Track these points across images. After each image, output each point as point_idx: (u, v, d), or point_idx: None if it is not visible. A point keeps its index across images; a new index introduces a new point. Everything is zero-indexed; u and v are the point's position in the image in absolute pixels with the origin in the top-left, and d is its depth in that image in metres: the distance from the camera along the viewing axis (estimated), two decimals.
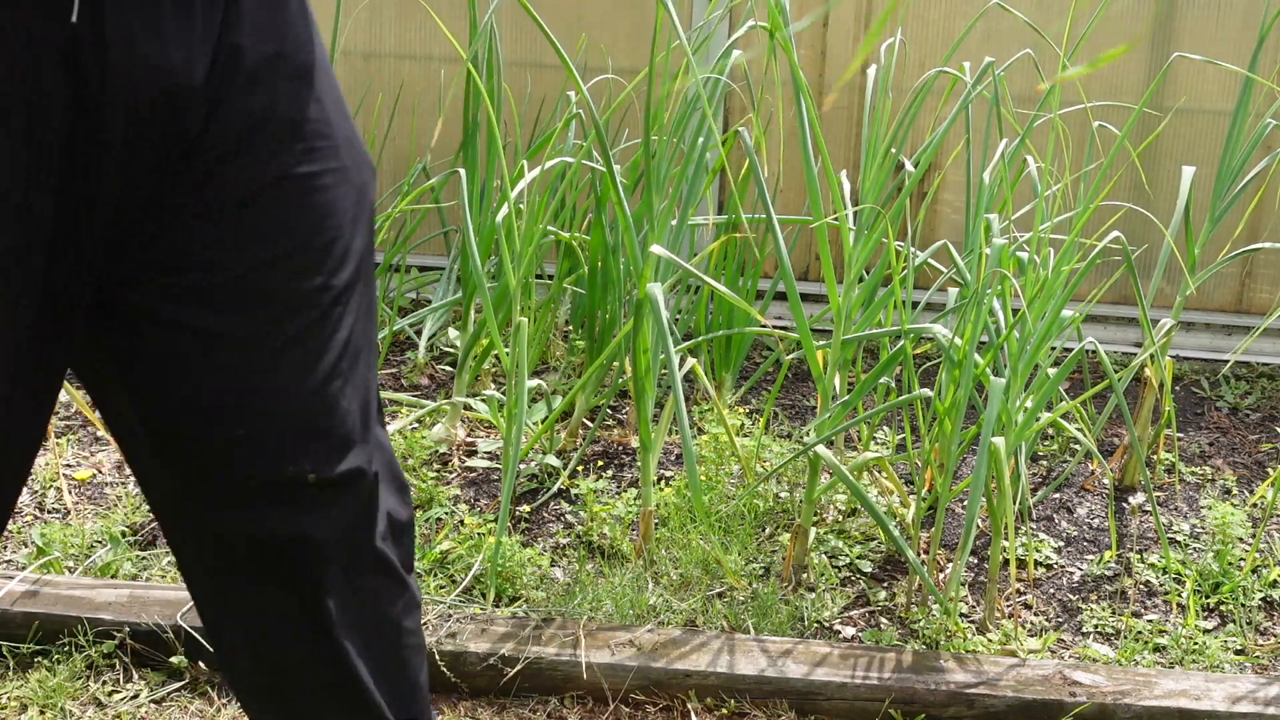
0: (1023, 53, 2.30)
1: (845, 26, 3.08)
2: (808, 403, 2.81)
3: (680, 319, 2.66)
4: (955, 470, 2.08)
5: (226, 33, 0.99)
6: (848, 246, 2.08)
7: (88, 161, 0.95)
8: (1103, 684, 1.84)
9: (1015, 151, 2.14)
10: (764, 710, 1.84)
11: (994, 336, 2.08)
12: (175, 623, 1.87)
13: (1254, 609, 2.12)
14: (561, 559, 2.18)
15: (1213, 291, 3.13)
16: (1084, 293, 2.99)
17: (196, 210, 1.02)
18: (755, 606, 2.04)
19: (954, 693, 1.83)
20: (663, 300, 2.00)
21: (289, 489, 1.11)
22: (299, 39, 1.05)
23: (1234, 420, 2.84)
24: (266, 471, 1.10)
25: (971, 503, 1.87)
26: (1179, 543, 2.31)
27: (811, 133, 2.02)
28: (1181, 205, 2.34)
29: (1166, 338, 2.42)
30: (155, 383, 1.07)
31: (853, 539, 2.26)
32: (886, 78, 2.13)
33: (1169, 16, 3.02)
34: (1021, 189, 2.28)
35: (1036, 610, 2.12)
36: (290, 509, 1.12)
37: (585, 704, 1.85)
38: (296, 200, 1.05)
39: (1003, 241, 1.97)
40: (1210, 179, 2.52)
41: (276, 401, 1.08)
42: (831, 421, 2.10)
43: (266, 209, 1.04)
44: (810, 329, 2.10)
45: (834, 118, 3.12)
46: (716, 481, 2.33)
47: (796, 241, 3.07)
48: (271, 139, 1.03)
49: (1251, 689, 1.85)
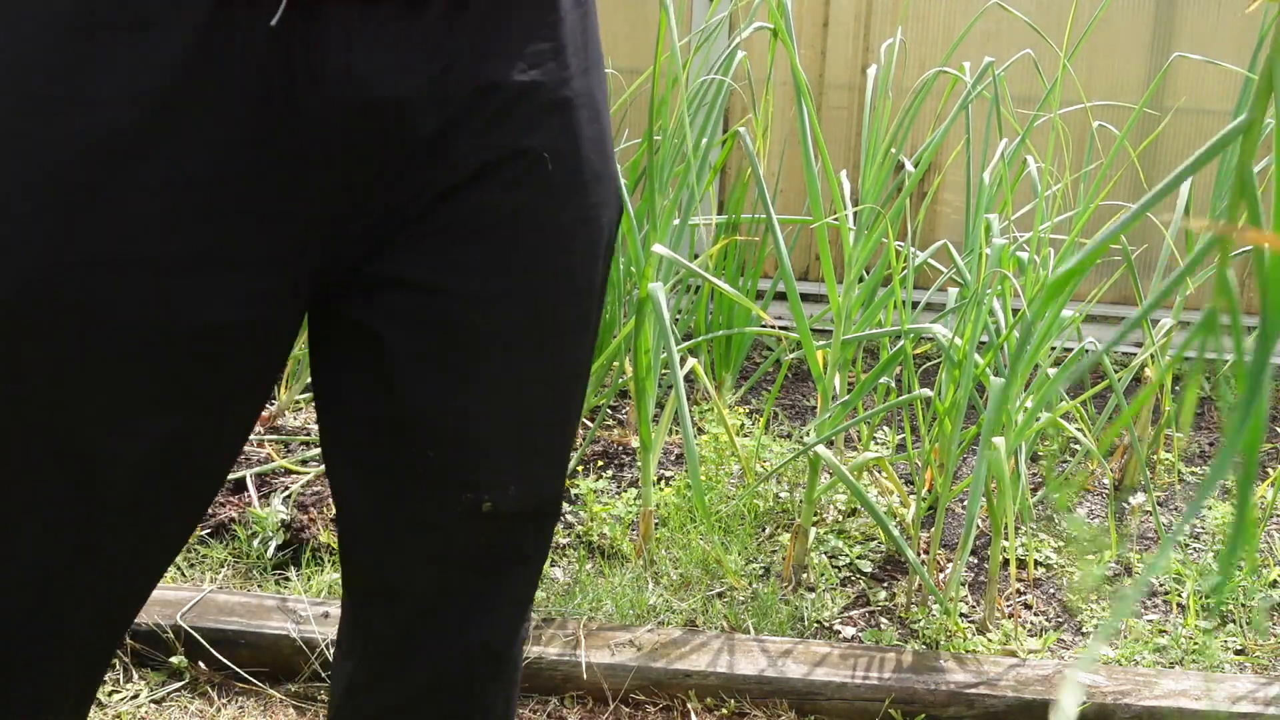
0: (1023, 53, 2.30)
1: (845, 26, 3.08)
2: (808, 403, 2.81)
3: (680, 319, 2.66)
4: (955, 470, 2.08)
5: (465, 56, 0.94)
6: (848, 246, 2.08)
7: (293, 173, 0.92)
8: (1103, 684, 1.84)
9: (1015, 151, 2.14)
10: (764, 710, 1.84)
11: (994, 336, 2.08)
12: (175, 623, 1.87)
13: (1254, 609, 2.12)
14: (561, 559, 2.18)
15: (1213, 292, 3.14)
16: (1084, 293, 2.99)
17: (425, 233, 0.99)
18: (755, 606, 2.04)
19: (954, 693, 1.83)
20: (664, 300, 2.00)
21: (495, 519, 1.09)
22: (565, 71, 1.00)
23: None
24: (466, 500, 1.07)
25: (971, 503, 1.87)
26: (1179, 543, 2.31)
27: (811, 133, 2.02)
28: (1181, 205, 2.34)
29: (1166, 338, 2.42)
30: (363, 397, 1.04)
31: (853, 539, 2.26)
32: (886, 78, 2.13)
33: (1169, 16, 3.02)
34: (1021, 189, 2.28)
35: (1036, 610, 2.12)
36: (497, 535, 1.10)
37: (585, 704, 1.85)
38: (532, 234, 1.01)
39: (1003, 241, 1.97)
40: (1210, 179, 2.52)
41: (482, 430, 1.05)
42: (831, 421, 2.10)
43: (500, 240, 1.00)
44: (810, 329, 2.10)
45: (834, 118, 3.12)
46: (716, 481, 2.33)
47: (796, 241, 3.07)
48: (514, 170, 0.99)
49: (1251, 689, 1.85)
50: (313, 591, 2.04)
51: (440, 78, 0.93)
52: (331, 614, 1.90)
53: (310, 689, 1.86)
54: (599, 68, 1.05)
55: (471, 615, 1.13)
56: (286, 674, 1.88)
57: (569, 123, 1.01)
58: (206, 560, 2.12)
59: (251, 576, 2.09)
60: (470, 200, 0.99)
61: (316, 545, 2.15)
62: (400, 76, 0.92)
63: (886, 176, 2.09)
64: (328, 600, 1.95)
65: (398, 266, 0.99)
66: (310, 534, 2.16)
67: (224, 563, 2.12)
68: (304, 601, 1.94)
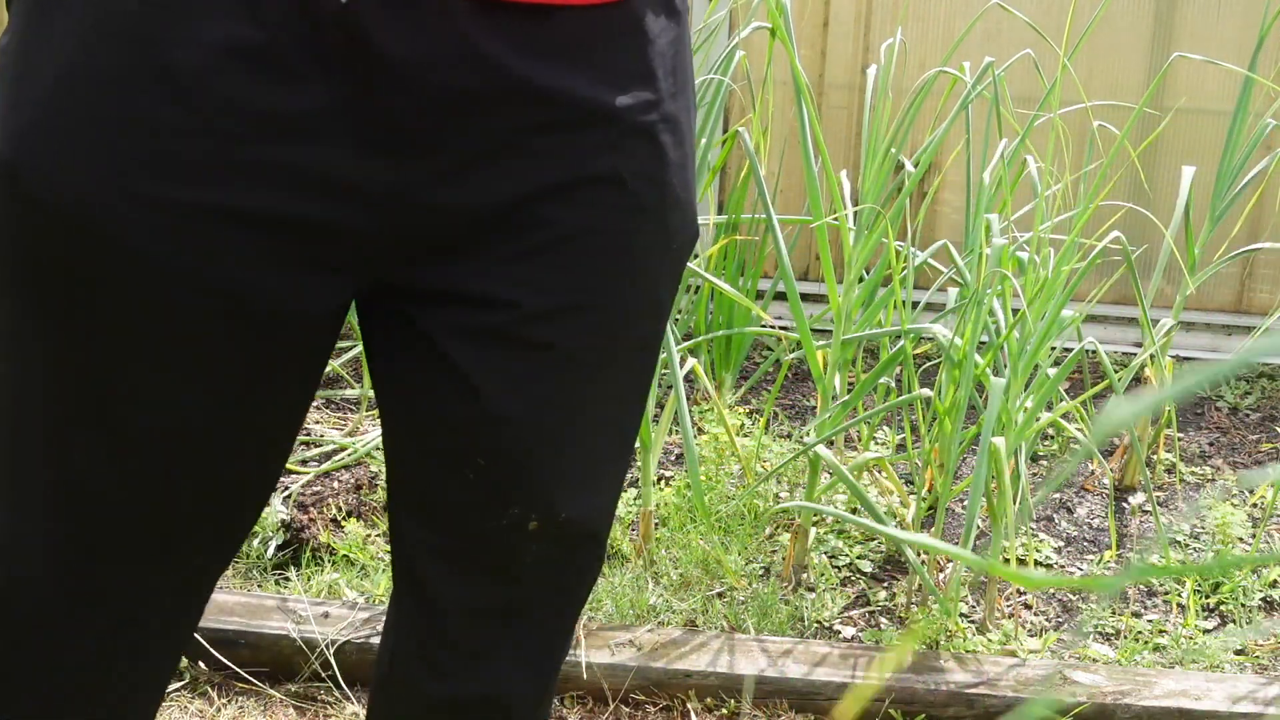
0: (1023, 53, 2.30)
1: (845, 26, 3.08)
2: (808, 403, 2.81)
3: (680, 319, 2.66)
4: (955, 470, 2.08)
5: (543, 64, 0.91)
6: (848, 246, 2.08)
7: (362, 155, 0.89)
8: (1103, 684, 1.84)
9: (1015, 151, 2.14)
10: (764, 710, 1.84)
11: (994, 336, 2.08)
12: None
13: (1254, 609, 2.12)
14: None
15: (1213, 292, 3.13)
16: (1084, 292, 2.99)
17: (496, 243, 0.96)
18: (755, 606, 2.04)
19: (954, 693, 1.83)
20: None
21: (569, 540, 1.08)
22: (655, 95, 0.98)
23: (1234, 420, 2.84)
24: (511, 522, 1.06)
25: (971, 503, 1.87)
26: (1179, 543, 2.31)
27: (811, 133, 2.02)
28: (1181, 205, 2.34)
29: (1166, 338, 2.42)
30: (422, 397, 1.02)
31: (853, 539, 2.26)
32: (886, 78, 2.13)
33: (1169, 16, 3.02)
34: (1021, 189, 2.28)
35: (1036, 610, 2.12)
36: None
37: (585, 704, 1.85)
38: (605, 254, 0.99)
39: (1003, 241, 1.97)
40: (1210, 179, 2.52)
41: (539, 448, 1.03)
42: (831, 421, 2.10)
43: (572, 258, 0.98)
44: (810, 329, 2.10)
45: (834, 118, 3.12)
46: (716, 481, 2.33)
47: (796, 241, 3.07)
48: (595, 190, 0.97)
49: (1251, 689, 1.85)
50: (313, 592, 2.04)
51: (515, 80, 0.91)
52: (331, 614, 1.91)
53: (310, 689, 1.86)
54: (689, 91, 1.03)
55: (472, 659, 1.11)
56: (286, 674, 1.88)
57: (654, 148, 0.99)
58: None
59: (251, 576, 2.09)
60: (545, 215, 0.96)
61: (316, 545, 2.15)
62: (473, 71, 0.89)
63: (886, 176, 2.09)
64: (328, 600, 1.95)
65: (464, 276, 0.97)
66: (310, 534, 2.16)
67: None
68: (304, 602, 1.94)
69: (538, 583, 1.09)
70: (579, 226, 0.97)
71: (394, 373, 1.03)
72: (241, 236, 0.89)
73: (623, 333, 1.03)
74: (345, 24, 0.86)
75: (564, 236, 0.97)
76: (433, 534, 1.07)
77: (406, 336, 1.00)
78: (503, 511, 1.04)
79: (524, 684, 1.13)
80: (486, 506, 1.04)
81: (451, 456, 1.03)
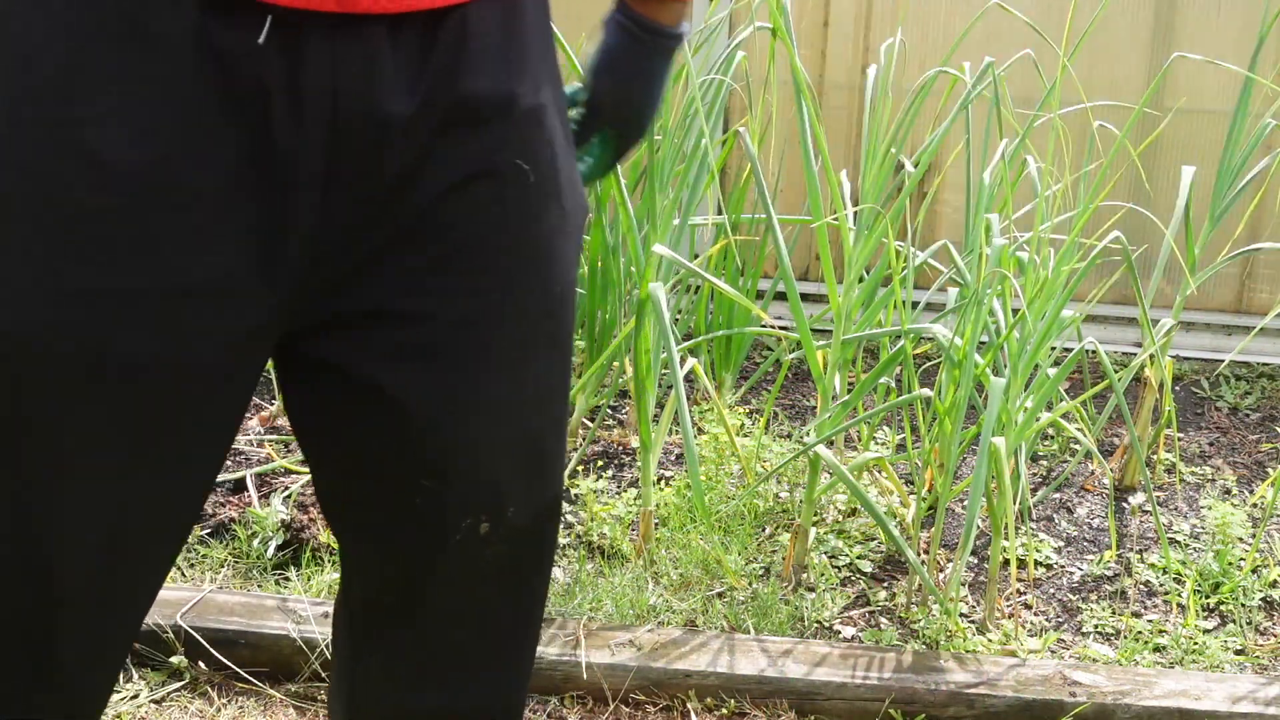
0: (1023, 53, 2.30)
1: (845, 26, 3.08)
2: (808, 403, 2.81)
3: (680, 319, 2.66)
4: (955, 470, 2.08)
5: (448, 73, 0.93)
6: (848, 246, 2.08)
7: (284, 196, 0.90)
8: (1103, 684, 1.84)
9: (1015, 151, 2.14)
10: (764, 710, 1.84)
11: (994, 336, 2.08)
12: (175, 623, 1.87)
13: (1254, 609, 2.12)
14: (561, 559, 2.18)
15: (1213, 291, 3.13)
16: (1084, 292, 2.99)
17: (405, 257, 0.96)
18: (755, 606, 2.04)
19: (954, 693, 1.83)
20: (664, 300, 2.00)
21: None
22: (534, 81, 0.99)
23: (1234, 420, 2.84)
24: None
25: (971, 503, 1.87)
26: (1179, 543, 2.31)
27: (811, 133, 2.02)
28: (1181, 205, 2.34)
29: (1166, 338, 2.42)
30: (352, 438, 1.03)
31: (853, 539, 2.26)
32: (886, 78, 2.13)
33: (1169, 16, 3.02)
34: (1021, 189, 2.28)
35: (1036, 610, 2.12)
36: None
37: (585, 704, 1.85)
38: (511, 250, 1.00)
39: (1003, 241, 1.97)
40: (1210, 179, 2.52)
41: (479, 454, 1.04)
42: (831, 421, 2.10)
43: (482, 259, 0.99)
44: (810, 329, 2.10)
45: (834, 118, 3.12)
46: (716, 481, 2.33)
47: (796, 241, 3.07)
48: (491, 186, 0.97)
49: (1251, 689, 1.85)
50: (313, 591, 2.04)
51: (421, 97, 0.92)
52: (331, 614, 1.90)
53: (310, 689, 1.86)
54: (557, 70, 1.04)
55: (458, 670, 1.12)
56: (286, 674, 1.88)
57: (542, 132, 1.00)
58: (206, 560, 2.12)
59: (251, 576, 2.09)
60: (451, 219, 0.97)
61: (316, 545, 2.15)
62: (384, 96, 0.90)
63: (886, 176, 2.09)
64: (327, 600, 1.95)
65: (377, 298, 0.97)
66: (310, 534, 2.16)
67: (224, 563, 2.12)
68: (304, 601, 1.94)
69: (498, 586, 1.09)
70: (486, 224, 0.98)
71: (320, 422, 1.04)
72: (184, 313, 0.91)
73: (536, 325, 1.04)
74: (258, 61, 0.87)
75: (471, 237, 0.98)
76: (389, 565, 1.08)
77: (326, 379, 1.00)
78: (457, 527, 1.04)
79: (495, 688, 1.14)
80: (438, 528, 1.04)
81: (395, 487, 1.03)
